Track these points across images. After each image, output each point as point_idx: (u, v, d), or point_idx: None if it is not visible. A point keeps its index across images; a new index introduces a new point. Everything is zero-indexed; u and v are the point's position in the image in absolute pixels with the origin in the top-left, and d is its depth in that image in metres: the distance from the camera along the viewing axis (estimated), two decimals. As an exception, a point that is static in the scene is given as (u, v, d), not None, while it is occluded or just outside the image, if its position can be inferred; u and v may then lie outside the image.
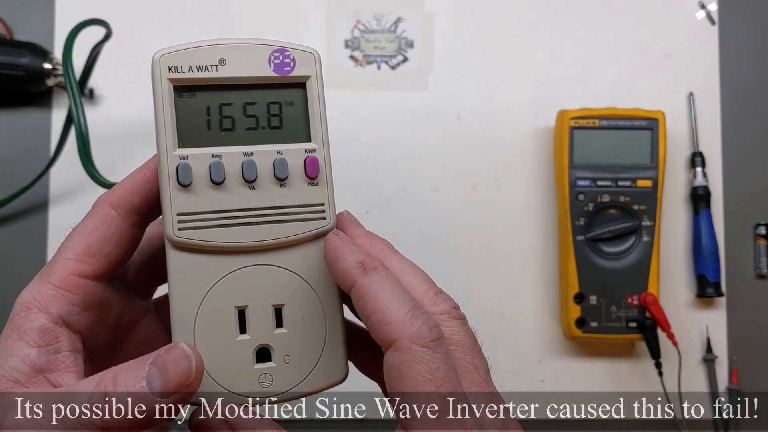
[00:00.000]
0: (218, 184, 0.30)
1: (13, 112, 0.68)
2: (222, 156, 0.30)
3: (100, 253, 0.30)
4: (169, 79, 0.30)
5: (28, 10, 0.68)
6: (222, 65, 0.30)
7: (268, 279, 0.31)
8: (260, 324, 0.31)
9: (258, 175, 0.30)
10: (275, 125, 0.31)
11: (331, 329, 0.31)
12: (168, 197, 0.30)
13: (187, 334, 0.30)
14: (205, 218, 0.30)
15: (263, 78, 0.31)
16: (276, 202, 0.31)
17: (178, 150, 0.30)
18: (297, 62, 0.31)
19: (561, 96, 0.68)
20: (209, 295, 0.30)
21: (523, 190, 0.68)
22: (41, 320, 0.29)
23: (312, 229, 0.31)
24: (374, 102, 0.69)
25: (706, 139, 0.68)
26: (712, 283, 0.66)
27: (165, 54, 0.30)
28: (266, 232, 0.30)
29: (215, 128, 0.31)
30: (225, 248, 0.30)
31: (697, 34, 0.70)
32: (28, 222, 0.66)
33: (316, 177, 0.31)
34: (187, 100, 0.30)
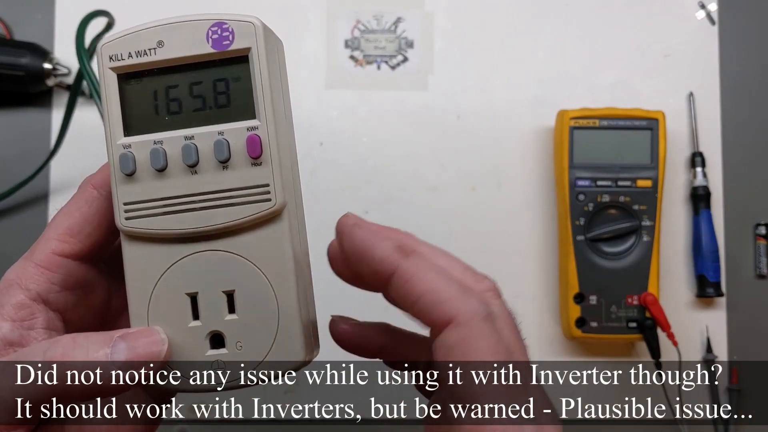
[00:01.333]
0: (160, 171, 0.30)
1: (13, 112, 0.68)
2: (164, 141, 0.30)
3: (81, 233, 0.31)
4: (111, 68, 0.30)
5: (28, 10, 0.68)
6: (160, 47, 0.30)
7: (217, 265, 0.30)
8: (212, 310, 0.30)
9: (199, 159, 0.30)
10: (222, 103, 0.30)
11: (284, 314, 0.30)
12: (115, 188, 0.30)
13: (141, 321, 0.30)
14: (149, 206, 0.30)
15: (202, 56, 0.30)
16: (218, 186, 0.30)
17: (123, 139, 0.30)
18: (236, 35, 0.29)
19: (561, 96, 0.68)
20: (160, 282, 0.30)
21: (523, 190, 0.68)
22: (19, 296, 0.29)
23: (257, 212, 0.30)
24: (374, 102, 0.69)
25: (706, 139, 0.68)
26: (712, 283, 0.66)
27: (106, 43, 0.30)
28: (211, 217, 0.30)
29: (162, 112, 0.30)
30: (171, 235, 0.30)
31: (697, 34, 0.70)
32: (28, 215, 0.66)
33: (258, 156, 0.29)
34: (134, 86, 0.30)
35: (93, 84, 0.60)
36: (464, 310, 0.27)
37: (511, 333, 0.28)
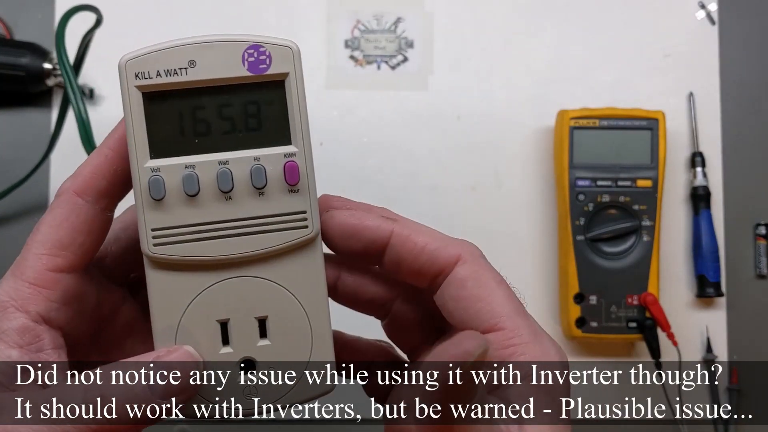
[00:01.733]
0: (192, 196, 0.29)
1: (13, 112, 0.68)
2: (196, 166, 0.29)
3: (73, 245, 0.29)
4: (137, 87, 0.28)
5: (28, 10, 0.68)
6: (192, 68, 0.28)
7: (250, 290, 0.30)
8: (243, 336, 0.30)
9: (234, 186, 0.29)
10: (253, 127, 0.29)
11: (317, 340, 0.30)
12: (142, 212, 0.29)
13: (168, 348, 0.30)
14: (180, 232, 0.29)
15: (236, 78, 0.29)
16: (254, 213, 0.29)
17: (150, 162, 0.29)
18: (273, 59, 0.29)
19: (561, 96, 0.68)
20: (189, 309, 0.29)
21: (523, 190, 0.68)
22: (20, 320, 0.28)
23: (294, 239, 0.29)
24: (374, 102, 0.69)
25: (706, 139, 0.68)
26: (712, 283, 0.66)
27: (131, 59, 0.28)
28: (245, 245, 0.29)
29: (189, 134, 0.29)
30: (203, 262, 0.29)
31: (697, 34, 0.70)
32: (28, 219, 0.66)
33: (296, 184, 0.29)
34: (159, 106, 0.29)
35: (70, 81, 0.58)
36: (466, 250, 0.30)
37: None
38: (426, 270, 0.30)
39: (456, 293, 0.29)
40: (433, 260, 0.29)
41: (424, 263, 0.29)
